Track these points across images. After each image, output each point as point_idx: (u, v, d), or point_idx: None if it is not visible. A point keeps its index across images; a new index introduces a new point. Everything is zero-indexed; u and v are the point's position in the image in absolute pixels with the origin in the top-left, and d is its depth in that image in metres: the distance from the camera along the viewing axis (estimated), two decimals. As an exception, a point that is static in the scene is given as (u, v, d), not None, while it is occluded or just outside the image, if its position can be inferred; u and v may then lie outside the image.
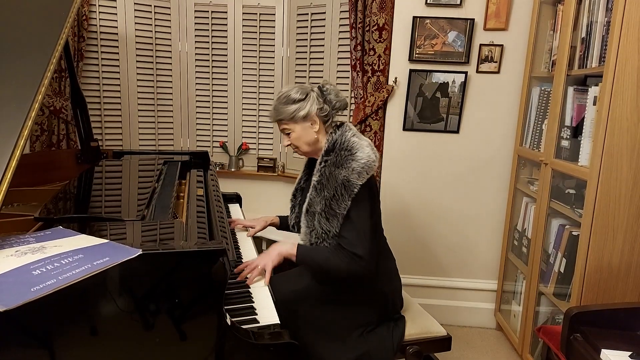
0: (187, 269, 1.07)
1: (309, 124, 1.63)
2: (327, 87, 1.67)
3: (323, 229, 1.55)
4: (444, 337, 1.74)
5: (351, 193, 1.51)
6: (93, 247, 1.04)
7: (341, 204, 1.51)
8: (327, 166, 1.56)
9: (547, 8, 2.33)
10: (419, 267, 2.79)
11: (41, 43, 1.44)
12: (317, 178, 1.58)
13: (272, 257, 1.57)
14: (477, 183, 2.67)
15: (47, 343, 0.95)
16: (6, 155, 1.11)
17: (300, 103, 1.61)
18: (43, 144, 2.66)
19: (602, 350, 1.39)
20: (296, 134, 1.64)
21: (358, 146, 1.55)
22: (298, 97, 1.62)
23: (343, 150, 1.55)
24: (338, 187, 1.51)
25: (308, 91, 1.64)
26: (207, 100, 3.19)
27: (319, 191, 1.56)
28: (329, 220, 1.53)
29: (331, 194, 1.52)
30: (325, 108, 1.64)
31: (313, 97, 1.63)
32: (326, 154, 1.59)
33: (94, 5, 2.79)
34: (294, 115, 1.61)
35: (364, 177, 1.52)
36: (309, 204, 1.60)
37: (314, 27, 2.92)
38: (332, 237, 1.55)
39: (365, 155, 1.53)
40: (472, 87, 2.57)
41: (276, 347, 1.17)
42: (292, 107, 1.61)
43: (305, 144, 1.66)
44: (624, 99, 1.63)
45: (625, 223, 1.71)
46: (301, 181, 1.84)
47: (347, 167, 1.52)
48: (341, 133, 1.60)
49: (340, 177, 1.52)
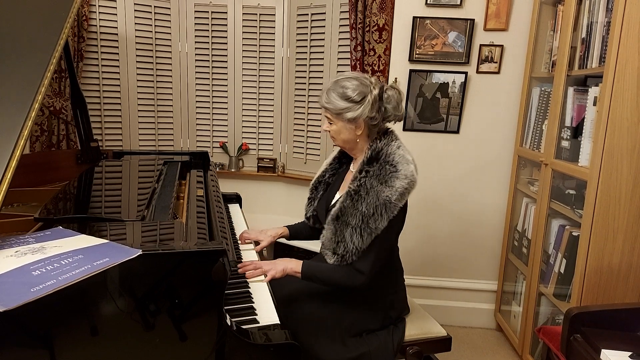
0: (187, 269, 1.07)
1: (354, 126, 1.55)
2: (389, 95, 1.55)
3: (355, 244, 1.47)
4: (444, 337, 1.73)
5: (390, 214, 1.46)
6: (93, 248, 1.04)
7: (379, 224, 1.46)
8: (368, 177, 1.49)
9: (547, 8, 2.33)
10: (419, 267, 2.79)
11: (41, 43, 1.44)
12: (354, 187, 1.50)
13: (277, 269, 1.55)
14: (477, 183, 2.67)
15: (47, 343, 0.95)
16: (6, 155, 1.11)
17: (352, 104, 1.51)
18: (43, 144, 2.66)
19: (602, 351, 1.39)
20: (337, 128, 1.57)
21: (403, 161, 1.49)
22: (353, 96, 1.50)
23: (388, 164, 1.49)
24: (379, 207, 1.45)
25: (366, 94, 1.51)
26: (207, 100, 3.19)
27: (356, 202, 1.48)
28: (362, 238, 1.47)
29: (370, 212, 1.45)
30: (377, 117, 1.53)
31: (368, 102, 1.51)
32: (368, 163, 1.52)
33: (94, 5, 2.79)
34: (340, 113, 1.53)
35: (405, 198, 1.48)
36: (341, 211, 1.50)
37: (314, 27, 2.92)
38: (361, 254, 1.49)
39: (409, 173, 1.48)
40: (472, 88, 2.57)
41: (276, 347, 1.17)
42: (343, 104, 1.51)
43: (343, 141, 1.59)
44: (624, 99, 1.63)
45: (626, 223, 1.71)
46: (325, 174, 1.77)
47: (391, 185, 1.46)
48: (387, 142, 1.53)
49: (383, 196, 1.45)
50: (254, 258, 1.83)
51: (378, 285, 1.61)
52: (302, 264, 1.56)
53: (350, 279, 1.51)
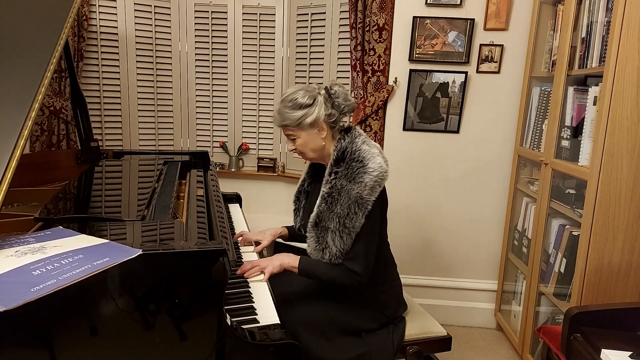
0: (187, 269, 1.07)
1: (316, 130, 1.55)
2: (335, 90, 1.56)
3: (338, 247, 1.49)
4: (444, 337, 1.74)
5: (365, 211, 1.47)
6: (93, 247, 1.04)
7: (355, 222, 1.47)
8: (337, 178, 1.50)
9: (547, 8, 2.33)
10: (419, 267, 2.79)
11: (41, 43, 1.44)
12: (327, 190, 1.52)
13: (274, 264, 1.56)
14: (477, 183, 2.67)
15: (47, 343, 0.95)
16: (6, 155, 1.11)
17: (307, 109, 1.52)
18: (43, 144, 2.66)
19: (602, 350, 1.39)
20: (302, 141, 1.57)
21: (369, 155, 1.51)
22: (305, 102, 1.52)
23: (354, 161, 1.50)
24: (352, 205, 1.47)
25: (315, 95, 1.54)
26: (207, 100, 3.19)
27: (330, 205, 1.50)
28: (343, 239, 1.48)
29: (345, 213, 1.47)
30: (334, 113, 1.55)
31: (321, 102, 1.53)
32: (336, 164, 1.53)
33: (94, 5, 2.79)
34: (300, 122, 1.53)
35: (376, 191, 1.49)
36: (319, 217, 1.53)
37: (314, 27, 2.92)
38: (347, 254, 1.51)
39: (377, 166, 1.49)
40: (472, 87, 2.57)
41: (276, 347, 1.17)
42: (299, 112, 1.52)
43: (312, 151, 1.59)
44: (624, 99, 1.63)
45: (626, 223, 1.71)
46: (304, 183, 1.79)
47: (360, 182, 1.47)
48: (351, 140, 1.54)
49: (353, 194, 1.46)
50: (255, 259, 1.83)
51: (369, 283, 1.60)
52: (299, 260, 1.57)
53: (347, 279, 1.52)
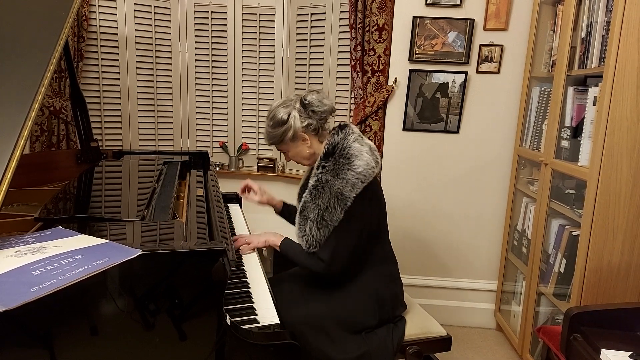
0: (187, 269, 1.07)
1: (300, 141, 1.65)
2: (309, 99, 1.62)
3: (315, 237, 1.56)
4: (444, 337, 1.74)
5: (344, 206, 1.52)
6: (93, 248, 1.04)
7: (333, 216, 1.53)
8: (324, 173, 1.56)
9: (547, 8, 2.33)
10: (419, 267, 2.79)
11: (41, 43, 1.44)
12: (313, 182, 1.58)
13: (259, 240, 1.73)
14: (477, 183, 2.67)
15: (47, 343, 0.95)
16: (6, 155, 1.11)
17: (285, 125, 1.61)
18: (43, 144, 2.66)
19: (602, 351, 1.39)
20: (292, 153, 1.68)
21: (357, 153, 1.54)
22: (283, 118, 1.61)
23: (342, 157, 1.55)
24: (332, 199, 1.52)
25: (290, 110, 1.61)
26: (207, 100, 3.19)
27: (314, 197, 1.56)
28: (319, 230, 1.55)
29: (325, 206, 1.53)
30: (311, 122, 1.62)
31: (295, 117, 1.61)
32: (324, 158, 1.58)
33: (94, 5, 2.79)
34: (283, 138, 1.63)
35: (358, 187, 1.52)
36: (303, 206, 1.60)
37: (314, 27, 2.92)
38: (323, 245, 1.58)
39: (363, 164, 1.53)
40: (472, 88, 2.57)
41: (276, 347, 1.17)
42: (279, 130, 1.62)
43: (304, 159, 1.70)
44: (624, 99, 1.63)
45: (625, 223, 1.71)
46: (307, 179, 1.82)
47: (343, 177, 1.52)
48: (343, 136, 1.58)
49: (335, 189, 1.52)
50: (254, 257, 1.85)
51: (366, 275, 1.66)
52: (282, 240, 1.69)
53: (313, 265, 1.60)
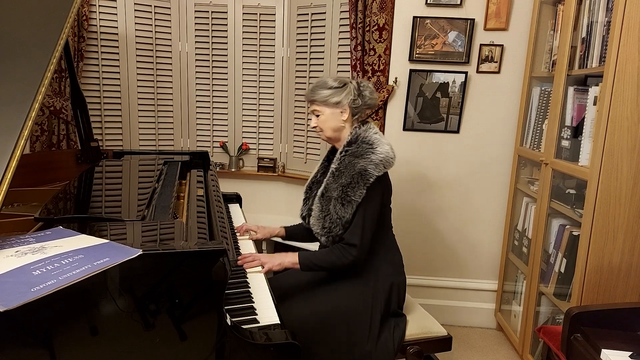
0: (187, 269, 1.07)
1: (339, 111, 1.71)
2: (364, 84, 1.75)
3: (338, 214, 1.62)
4: (445, 337, 1.74)
5: (367, 182, 1.59)
6: (93, 247, 1.04)
7: (356, 191, 1.59)
8: (347, 155, 1.65)
9: (547, 8, 2.33)
10: (420, 267, 2.79)
11: (41, 43, 1.44)
12: (335, 166, 1.66)
13: (274, 262, 1.65)
14: (478, 183, 2.67)
15: (47, 343, 0.95)
16: (6, 155, 1.11)
17: (336, 90, 1.69)
18: (43, 144, 2.66)
19: (602, 350, 1.39)
20: (324, 117, 1.72)
21: (379, 142, 1.65)
22: (335, 85, 1.70)
23: (365, 143, 1.65)
24: (355, 176, 1.60)
25: (347, 82, 1.72)
26: (207, 100, 3.19)
27: (337, 177, 1.63)
28: (344, 206, 1.61)
29: (348, 181, 1.60)
30: (358, 101, 1.71)
31: (350, 89, 1.70)
32: (348, 145, 1.67)
33: (94, 5, 2.78)
34: (327, 99, 1.69)
35: (380, 169, 1.61)
36: (325, 188, 1.66)
37: (314, 27, 2.92)
38: (345, 224, 1.62)
39: (385, 151, 1.63)
40: (473, 87, 2.57)
41: (276, 347, 1.17)
42: (328, 92, 1.69)
43: (331, 129, 1.72)
44: (624, 99, 1.63)
45: (626, 223, 1.71)
46: (318, 174, 1.86)
47: (366, 158, 1.61)
48: (365, 129, 1.69)
49: (358, 167, 1.60)
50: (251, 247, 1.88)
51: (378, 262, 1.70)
52: (298, 256, 1.65)
53: (345, 255, 1.61)
